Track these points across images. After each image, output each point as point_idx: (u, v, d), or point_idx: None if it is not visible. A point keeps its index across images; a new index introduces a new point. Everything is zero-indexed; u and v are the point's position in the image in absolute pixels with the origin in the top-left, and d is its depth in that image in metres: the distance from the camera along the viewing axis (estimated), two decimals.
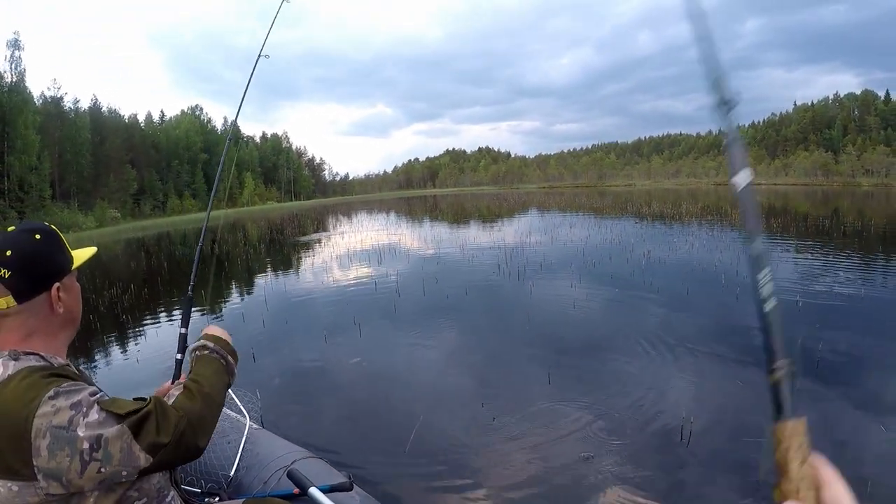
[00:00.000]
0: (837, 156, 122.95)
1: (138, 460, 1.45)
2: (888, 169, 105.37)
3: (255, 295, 12.65)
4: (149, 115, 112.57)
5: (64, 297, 1.67)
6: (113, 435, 1.42)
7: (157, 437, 1.48)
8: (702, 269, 12.39)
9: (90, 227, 66.02)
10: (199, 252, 3.33)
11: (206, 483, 2.87)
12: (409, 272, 14.04)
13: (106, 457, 1.40)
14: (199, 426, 1.61)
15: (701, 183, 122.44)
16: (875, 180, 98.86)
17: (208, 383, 1.78)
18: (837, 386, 5.69)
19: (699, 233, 20.06)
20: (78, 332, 1.82)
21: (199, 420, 1.63)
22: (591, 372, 6.45)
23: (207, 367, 1.87)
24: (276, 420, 5.27)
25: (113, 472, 1.42)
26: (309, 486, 2.40)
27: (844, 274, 11.39)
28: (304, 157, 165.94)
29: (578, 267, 13.23)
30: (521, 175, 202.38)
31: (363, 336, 8.33)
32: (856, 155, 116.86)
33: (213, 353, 1.93)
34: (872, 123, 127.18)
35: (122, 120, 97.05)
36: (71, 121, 79.82)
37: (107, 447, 1.40)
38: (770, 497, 0.85)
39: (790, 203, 41.31)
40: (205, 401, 1.70)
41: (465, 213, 42.06)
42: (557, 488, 4.08)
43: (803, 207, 35.69)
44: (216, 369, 1.88)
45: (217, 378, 1.85)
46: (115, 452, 1.41)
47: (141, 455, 1.45)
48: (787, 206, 36.65)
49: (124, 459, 1.43)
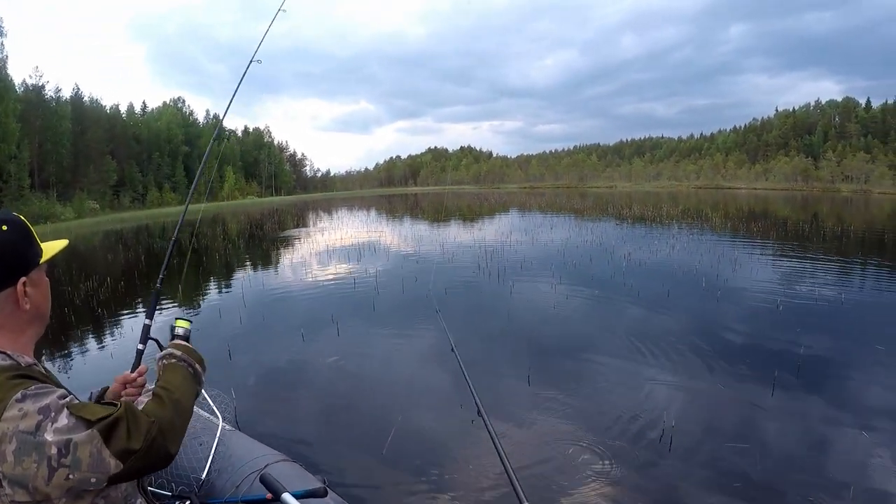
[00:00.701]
0: (817, 161, 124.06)
1: (108, 466, 1.38)
2: (867, 175, 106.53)
3: (232, 291, 12.56)
4: (130, 106, 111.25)
5: (31, 293, 1.58)
6: (82, 440, 1.35)
7: (127, 442, 1.41)
8: (682, 271, 12.46)
9: (69, 219, 65.36)
10: (172, 245, 3.26)
11: (177, 486, 2.82)
12: (388, 270, 14.03)
13: (74, 463, 1.33)
14: (169, 432, 1.54)
15: (682, 186, 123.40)
16: (854, 186, 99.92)
17: (178, 390, 1.72)
18: (818, 389, 5.75)
19: (680, 235, 20.22)
20: (53, 325, 1.76)
21: (170, 426, 1.56)
22: (571, 373, 6.44)
23: (176, 374, 1.81)
24: (250, 421, 5.19)
25: (81, 479, 1.36)
26: (282, 492, 2.32)
27: (824, 278, 11.52)
28: (286, 153, 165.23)
29: (559, 268, 13.24)
30: (502, 175, 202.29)
31: (341, 335, 8.27)
32: (836, 161, 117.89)
33: (181, 361, 1.86)
34: (853, 130, 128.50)
35: (103, 110, 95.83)
36: (52, 110, 78.50)
37: (75, 452, 1.33)
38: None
39: (770, 207, 41.64)
40: (175, 408, 1.63)
41: (445, 212, 42.06)
42: (537, 491, 4.05)
43: (783, 212, 36.00)
44: (185, 377, 1.82)
45: (186, 386, 1.78)
46: (84, 458, 1.34)
47: (111, 461, 1.38)
48: (767, 211, 36.92)
49: (93, 465, 1.36)
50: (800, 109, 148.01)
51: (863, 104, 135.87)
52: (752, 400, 5.54)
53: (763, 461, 4.30)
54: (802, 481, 4.03)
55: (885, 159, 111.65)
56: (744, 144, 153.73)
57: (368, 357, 7.39)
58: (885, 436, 4.69)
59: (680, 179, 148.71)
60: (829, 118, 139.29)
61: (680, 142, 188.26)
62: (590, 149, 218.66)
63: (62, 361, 7.54)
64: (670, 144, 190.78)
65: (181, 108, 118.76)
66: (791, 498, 3.85)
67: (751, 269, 12.69)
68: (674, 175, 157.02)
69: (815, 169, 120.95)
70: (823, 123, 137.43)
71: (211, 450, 3.02)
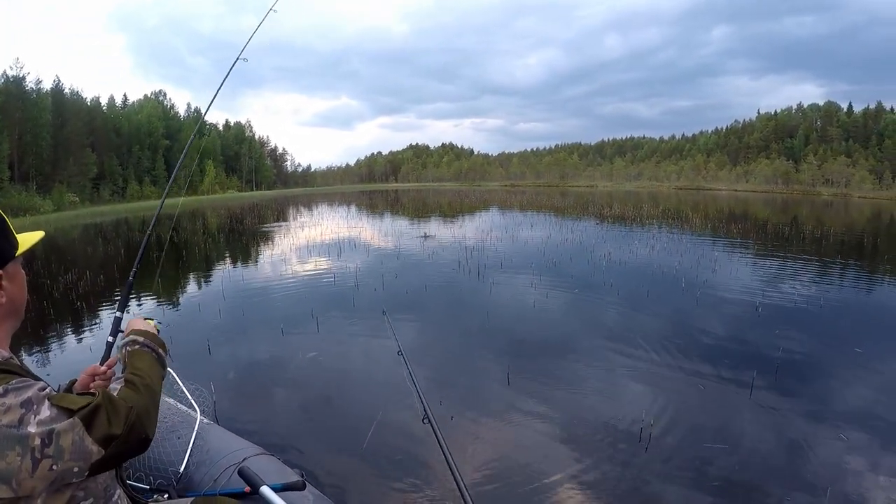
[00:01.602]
0: (798, 165, 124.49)
1: (90, 453, 1.42)
2: (848, 179, 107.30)
3: (212, 285, 12.49)
4: (111, 98, 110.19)
5: (7, 286, 1.59)
6: (64, 428, 1.39)
7: (109, 428, 1.46)
8: (662, 271, 12.53)
9: (48, 211, 64.76)
10: (146, 240, 3.26)
11: (155, 479, 2.83)
12: (368, 266, 13.99)
13: (58, 452, 1.37)
14: (145, 417, 1.59)
15: (662, 186, 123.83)
16: (834, 190, 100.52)
17: (147, 376, 1.76)
18: (796, 391, 5.80)
19: (660, 236, 20.31)
20: (31, 318, 1.77)
21: (146, 411, 1.60)
22: (550, 372, 6.45)
23: (143, 360, 1.85)
24: (230, 415, 5.20)
25: (65, 469, 1.39)
26: (261, 485, 2.36)
27: (803, 280, 11.63)
28: (267, 147, 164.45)
29: (539, 266, 13.27)
30: (483, 172, 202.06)
31: (321, 330, 8.27)
32: (816, 164, 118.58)
33: (145, 346, 1.91)
34: (834, 134, 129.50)
35: (84, 102, 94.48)
36: (32, 101, 77.55)
37: (58, 441, 1.37)
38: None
39: (750, 209, 41.86)
40: (148, 392, 1.69)
41: (426, 209, 42.03)
42: (515, 487, 4.08)
43: (763, 214, 36.26)
44: (150, 362, 1.86)
45: (154, 371, 1.83)
46: (67, 446, 1.38)
47: (93, 447, 1.42)
48: (747, 212, 37.13)
49: (76, 453, 1.39)
50: (781, 112, 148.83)
51: (844, 108, 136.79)
52: (730, 400, 5.59)
53: (741, 462, 4.34)
54: (780, 482, 4.06)
55: (865, 163, 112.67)
56: (725, 146, 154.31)
57: (348, 353, 7.40)
58: (862, 438, 4.73)
59: (661, 180, 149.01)
60: (810, 122, 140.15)
61: (661, 142, 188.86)
62: (571, 148, 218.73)
63: (41, 355, 7.47)
64: (651, 145, 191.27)
65: (162, 102, 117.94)
66: (768, 499, 3.88)
67: (730, 270, 12.79)
68: (654, 175, 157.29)
69: (796, 172, 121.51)
70: (805, 127, 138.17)
71: (189, 443, 3.03)
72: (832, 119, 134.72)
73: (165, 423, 3.21)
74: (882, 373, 6.41)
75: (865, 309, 9.64)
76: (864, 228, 26.69)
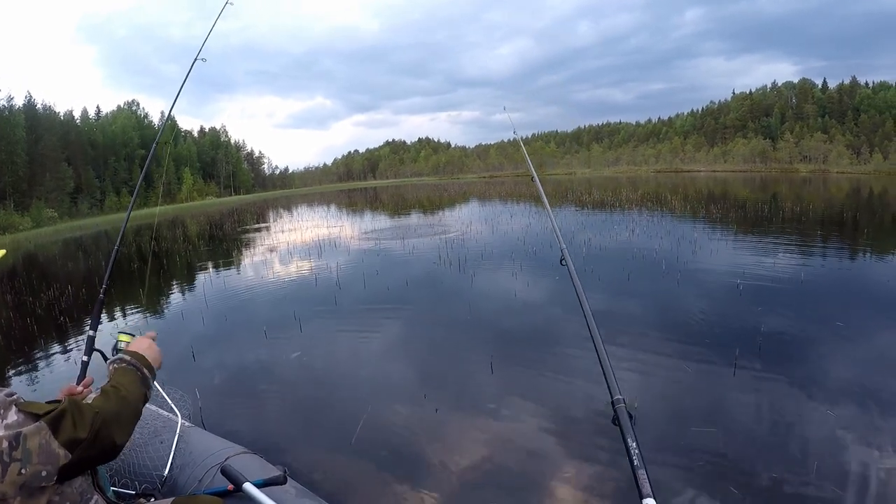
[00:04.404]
0: (775, 143, 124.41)
1: (57, 457, 1.47)
2: (825, 155, 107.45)
3: (194, 292, 12.45)
4: (84, 111, 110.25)
5: None
6: (31, 431, 1.44)
7: (74, 432, 1.51)
8: (643, 255, 12.56)
9: (27, 228, 64.59)
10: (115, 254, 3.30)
11: (141, 484, 2.88)
12: (349, 265, 13.99)
13: (25, 455, 1.41)
14: (114, 423, 1.64)
15: (640, 171, 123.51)
16: (812, 166, 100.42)
17: (124, 388, 1.82)
18: (780, 368, 5.77)
19: (639, 220, 20.30)
20: (15, 334, 1.82)
21: (115, 418, 1.66)
22: (533, 360, 6.48)
23: (125, 376, 1.90)
24: (216, 419, 5.22)
25: (33, 473, 1.42)
26: (243, 482, 2.40)
27: (784, 258, 11.65)
28: (243, 151, 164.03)
29: (519, 256, 13.32)
30: (461, 165, 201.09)
31: (304, 331, 8.28)
32: (794, 142, 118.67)
33: (131, 365, 1.96)
34: (810, 111, 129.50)
35: (57, 117, 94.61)
36: (5, 119, 77.96)
37: (25, 444, 1.42)
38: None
39: (730, 189, 41.98)
40: (120, 402, 1.73)
41: (405, 205, 41.97)
42: (500, 476, 4.12)
43: (742, 193, 36.33)
44: (132, 379, 1.91)
45: (133, 387, 1.88)
46: (34, 449, 1.43)
47: (60, 451, 1.47)
48: (726, 193, 37.28)
49: (43, 456, 1.44)
50: (757, 91, 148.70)
51: (819, 85, 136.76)
52: (714, 380, 5.62)
53: (726, 441, 4.36)
54: (766, 459, 4.07)
55: (842, 139, 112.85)
56: (702, 128, 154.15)
57: (332, 352, 7.43)
58: (848, 411, 4.75)
59: (639, 164, 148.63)
60: (786, 100, 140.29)
61: (638, 126, 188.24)
62: (548, 136, 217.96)
63: (27, 374, 7.45)
64: (628, 129, 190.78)
65: (136, 112, 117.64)
66: (756, 476, 3.90)
67: (710, 250, 12.83)
68: (632, 160, 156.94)
69: (774, 150, 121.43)
70: (780, 105, 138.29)
71: (172, 447, 3.08)
72: (807, 96, 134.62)
73: (148, 429, 3.25)
74: (863, 346, 6.45)
75: (846, 283, 9.68)
76: (843, 203, 26.78)
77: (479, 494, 3.95)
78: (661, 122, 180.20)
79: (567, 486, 3.96)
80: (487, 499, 3.89)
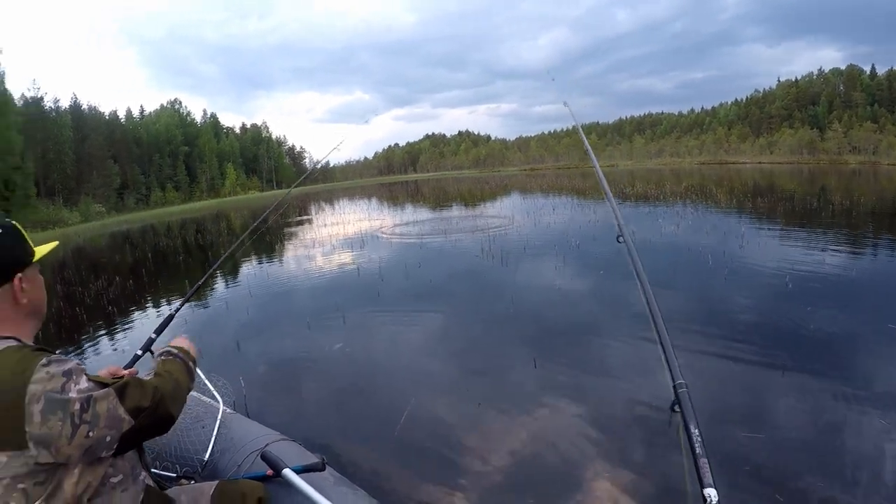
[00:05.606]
0: (823, 133, 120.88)
1: (122, 421, 1.61)
2: (875, 146, 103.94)
3: (238, 284, 12.61)
4: (129, 111, 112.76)
5: (27, 288, 1.76)
6: (101, 396, 1.58)
7: (139, 400, 1.67)
8: (688, 249, 12.32)
9: (75, 223, 66.14)
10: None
11: (181, 467, 2.96)
12: (392, 257, 14.06)
13: (94, 418, 1.54)
14: (170, 398, 1.82)
15: (684, 162, 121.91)
16: (862, 157, 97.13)
17: (175, 374, 1.98)
18: (831, 372, 5.52)
19: (684, 213, 20.01)
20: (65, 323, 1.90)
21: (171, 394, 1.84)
22: (577, 355, 6.42)
23: (172, 365, 2.05)
24: (258, 407, 5.28)
25: (99, 437, 1.55)
26: (283, 468, 2.44)
27: (834, 253, 11.23)
28: (285, 146, 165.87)
29: (562, 249, 13.18)
30: (501, 158, 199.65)
31: (347, 322, 8.30)
32: (842, 132, 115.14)
33: (178, 357, 2.11)
34: (858, 99, 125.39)
35: (102, 117, 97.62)
36: (52, 120, 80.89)
37: (95, 407, 1.55)
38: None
39: (776, 181, 41.15)
40: (173, 382, 1.92)
41: (446, 198, 41.84)
42: (541, 472, 4.09)
43: (790, 186, 35.48)
44: (179, 367, 2.06)
45: (182, 375, 2.03)
46: (102, 412, 1.57)
47: (125, 416, 1.62)
48: (773, 185, 36.49)
49: (109, 420, 1.58)
50: (802, 79, 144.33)
51: (868, 71, 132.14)
52: (761, 382, 5.43)
53: (772, 445, 4.24)
54: (814, 466, 3.94)
55: (893, 129, 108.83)
56: (746, 117, 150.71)
57: (375, 343, 7.43)
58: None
59: (682, 155, 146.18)
60: (833, 87, 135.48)
61: (681, 117, 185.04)
62: (589, 128, 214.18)
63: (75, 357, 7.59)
64: (671, 120, 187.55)
65: (178, 110, 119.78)
66: (801, 482, 3.78)
67: (758, 245, 12.51)
68: (676, 151, 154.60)
69: (821, 141, 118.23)
70: (827, 93, 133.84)
71: (213, 432, 3.15)
72: (855, 83, 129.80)
73: (190, 414, 3.32)
74: None
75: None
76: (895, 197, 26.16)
77: (521, 490, 3.90)
78: (704, 112, 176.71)
79: (611, 484, 3.89)
80: (528, 495, 3.84)
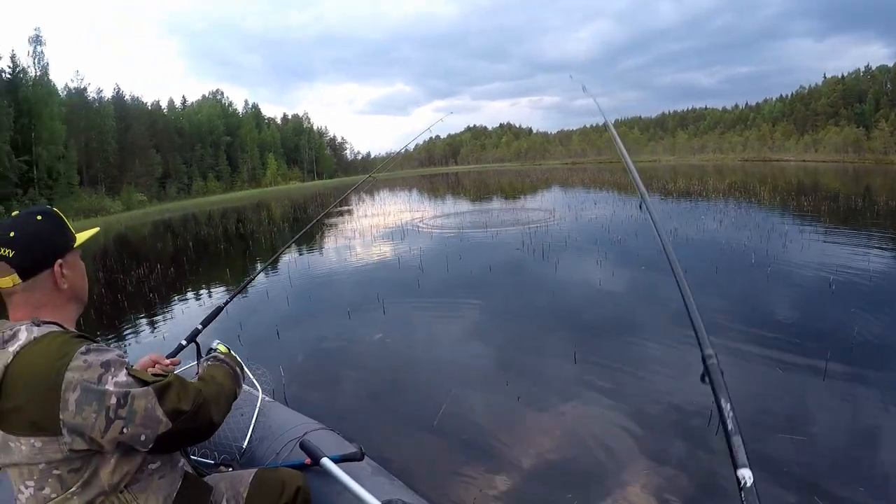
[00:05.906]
0: (869, 131, 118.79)
1: (159, 423, 1.58)
2: None
3: (279, 273, 12.64)
4: (171, 101, 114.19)
5: (67, 273, 1.77)
6: (139, 394, 1.56)
7: (178, 403, 1.63)
8: (731, 247, 12.13)
9: (118, 211, 67.15)
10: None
11: (220, 455, 2.95)
12: (432, 249, 14.03)
13: (130, 415, 1.53)
14: (213, 404, 1.79)
15: (727, 159, 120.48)
16: None
17: (220, 379, 1.98)
18: (874, 377, 5.36)
19: (727, 210, 19.75)
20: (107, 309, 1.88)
21: (214, 400, 1.81)
22: (617, 351, 6.32)
23: (219, 370, 2.06)
24: (297, 396, 5.31)
25: (133, 434, 1.54)
26: (321, 457, 2.44)
27: (880, 256, 10.96)
28: (326, 137, 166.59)
29: (604, 244, 13.07)
30: (543, 151, 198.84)
31: (387, 313, 8.30)
32: (889, 131, 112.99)
33: (224, 363, 2.14)
34: None
35: (145, 107, 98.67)
36: (95, 110, 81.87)
37: (132, 404, 1.53)
38: None
39: (821, 180, 40.51)
40: (218, 389, 1.89)
41: (487, 191, 41.88)
42: (579, 468, 4.04)
43: (834, 185, 34.84)
44: (226, 374, 2.06)
45: (227, 380, 2.03)
46: (140, 411, 1.54)
47: (163, 418, 1.58)
48: (817, 184, 35.91)
49: (146, 420, 1.56)
50: (849, 76, 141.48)
51: None
52: (803, 385, 5.28)
53: (812, 450, 4.13)
54: (855, 474, 3.82)
55: None
56: (791, 114, 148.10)
57: (415, 335, 7.44)
58: None
59: (725, 152, 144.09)
60: (880, 84, 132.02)
61: (724, 112, 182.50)
62: (631, 122, 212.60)
63: (115, 344, 7.68)
64: (714, 115, 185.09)
65: (220, 100, 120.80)
66: (842, 490, 3.65)
67: (801, 244, 12.23)
68: (719, 147, 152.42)
69: (868, 139, 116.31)
70: (874, 90, 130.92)
71: (252, 420, 3.15)
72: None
73: None
74: None
75: None
76: None
77: (559, 486, 3.85)
78: (749, 107, 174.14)
79: (649, 483, 3.82)
80: (567, 491, 3.78)
